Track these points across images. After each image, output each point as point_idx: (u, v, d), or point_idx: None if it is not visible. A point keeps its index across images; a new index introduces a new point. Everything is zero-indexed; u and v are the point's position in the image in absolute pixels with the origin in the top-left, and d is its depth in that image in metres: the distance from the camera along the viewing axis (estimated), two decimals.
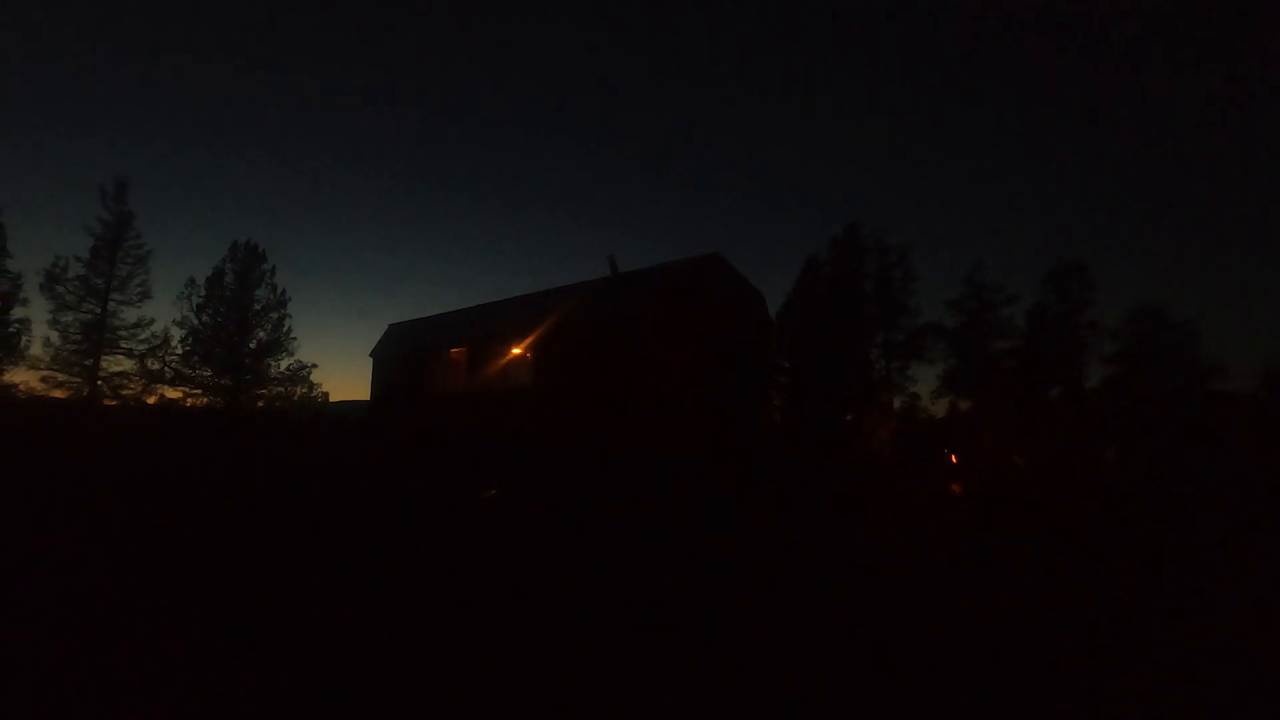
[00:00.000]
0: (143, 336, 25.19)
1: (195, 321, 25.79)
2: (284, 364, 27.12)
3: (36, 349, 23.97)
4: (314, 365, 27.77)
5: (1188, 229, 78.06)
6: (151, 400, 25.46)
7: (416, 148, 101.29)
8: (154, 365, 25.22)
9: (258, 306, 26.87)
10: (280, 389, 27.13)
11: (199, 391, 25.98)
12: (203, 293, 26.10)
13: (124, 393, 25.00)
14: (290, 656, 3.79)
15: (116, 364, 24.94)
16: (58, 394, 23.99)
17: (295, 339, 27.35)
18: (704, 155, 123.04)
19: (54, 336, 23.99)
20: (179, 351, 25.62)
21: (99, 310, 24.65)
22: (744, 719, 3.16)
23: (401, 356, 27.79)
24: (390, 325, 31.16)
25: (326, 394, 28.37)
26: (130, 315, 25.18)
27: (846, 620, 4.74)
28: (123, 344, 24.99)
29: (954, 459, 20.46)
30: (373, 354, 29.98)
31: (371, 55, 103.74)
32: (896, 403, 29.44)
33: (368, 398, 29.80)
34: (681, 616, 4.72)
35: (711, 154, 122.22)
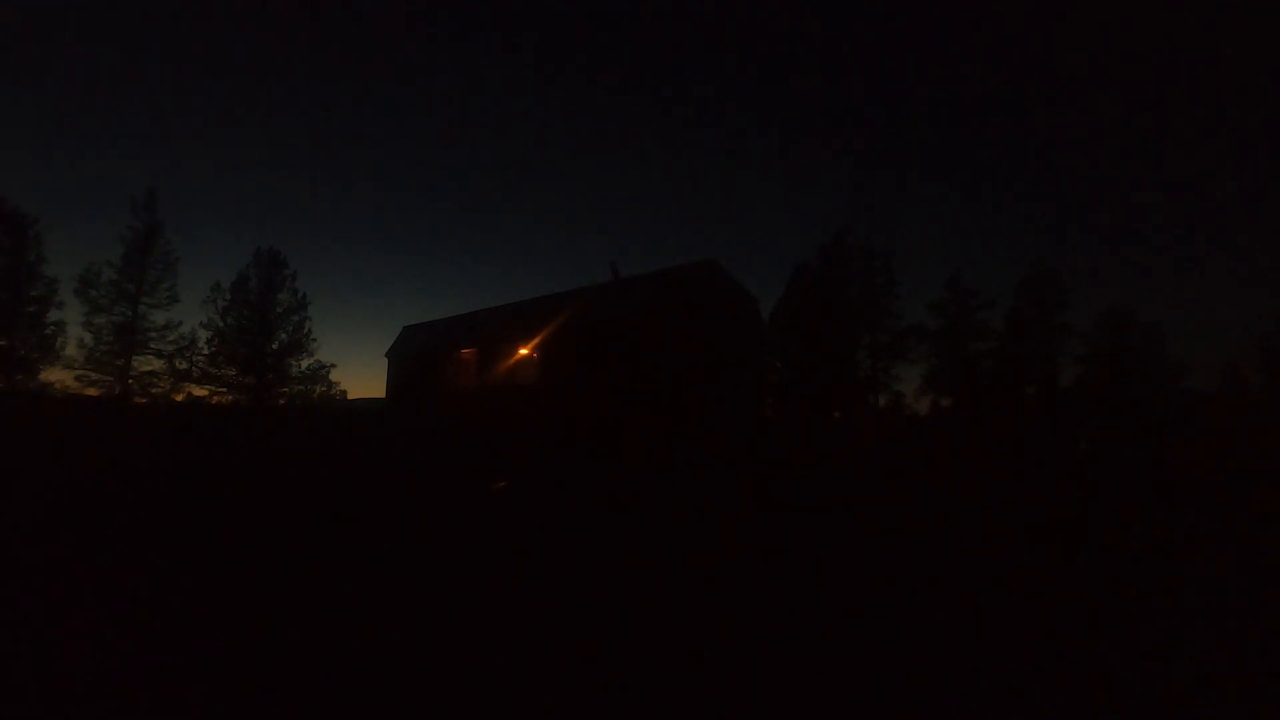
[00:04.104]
0: (171, 338, 25.21)
1: (221, 323, 25.80)
2: (304, 363, 27.13)
3: (71, 349, 24.03)
4: (333, 365, 27.75)
5: (1157, 235, 78.26)
6: (179, 398, 25.47)
7: (430, 161, 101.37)
8: (182, 365, 25.24)
9: (279, 309, 26.89)
10: (301, 387, 27.11)
11: (224, 390, 25.99)
12: (228, 296, 26.13)
13: (153, 391, 25.00)
14: (300, 645, 3.82)
15: (146, 364, 24.96)
16: (91, 392, 23.99)
17: (315, 340, 27.34)
18: (701, 168, 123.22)
19: (88, 338, 24.03)
20: (205, 352, 25.63)
21: (130, 313, 24.66)
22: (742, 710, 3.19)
23: (415, 356, 27.82)
24: (405, 327, 31.19)
25: (344, 391, 28.37)
26: (159, 318, 25.22)
27: (832, 607, 4.79)
28: (152, 345, 25.00)
29: (932, 452, 20.51)
30: (388, 354, 30.00)
31: (387, 72, 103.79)
32: (881, 400, 29.52)
33: (383, 395, 29.82)
34: (680, 604, 4.77)
35: (708, 166, 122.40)
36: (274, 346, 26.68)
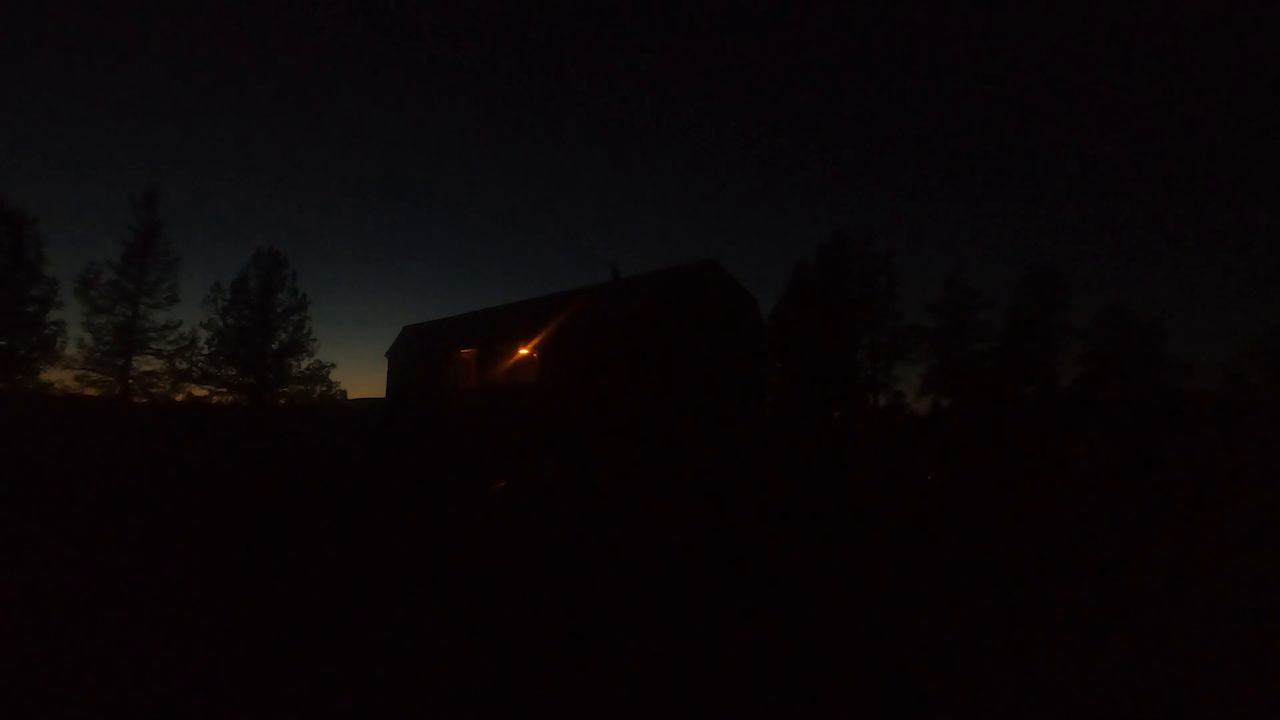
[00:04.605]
0: (171, 338, 25.16)
1: (221, 324, 25.80)
2: (304, 363, 27.11)
3: (71, 349, 24.00)
4: (333, 365, 27.72)
5: (1157, 236, 78.25)
6: (179, 398, 25.44)
7: (430, 161, 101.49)
8: (182, 365, 25.22)
9: (279, 309, 26.87)
10: (301, 387, 27.08)
11: (224, 390, 25.98)
12: (228, 296, 26.13)
13: (153, 391, 24.98)
14: (301, 644, 3.82)
15: (146, 364, 24.93)
16: (91, 392, 23.96)
17: (315, 340, 27.31)
18: (701, 168, 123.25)
19: (87, 338, 23.99)
20: (205, 352, 25.62)
21: (130, 313, 24.64)
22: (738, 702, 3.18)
23: (415, 356, 27.79)
24: (405, 327, 31.16)
25: (344, 391, 28.32)
26: (160, 318, 25.19)
27: (831, 605, 4.77)
28: (152, 345, 24.96)
29: (933, 453, 20.49)
30: (388, 354, 29.99)
31: (387, 72, 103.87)
32: (881, 400, 29.46)
33: (383, 395, 29.80)
34: (676, 602, 4.75)
35: (708, 166, 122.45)
36: (274, 346, 26.67)
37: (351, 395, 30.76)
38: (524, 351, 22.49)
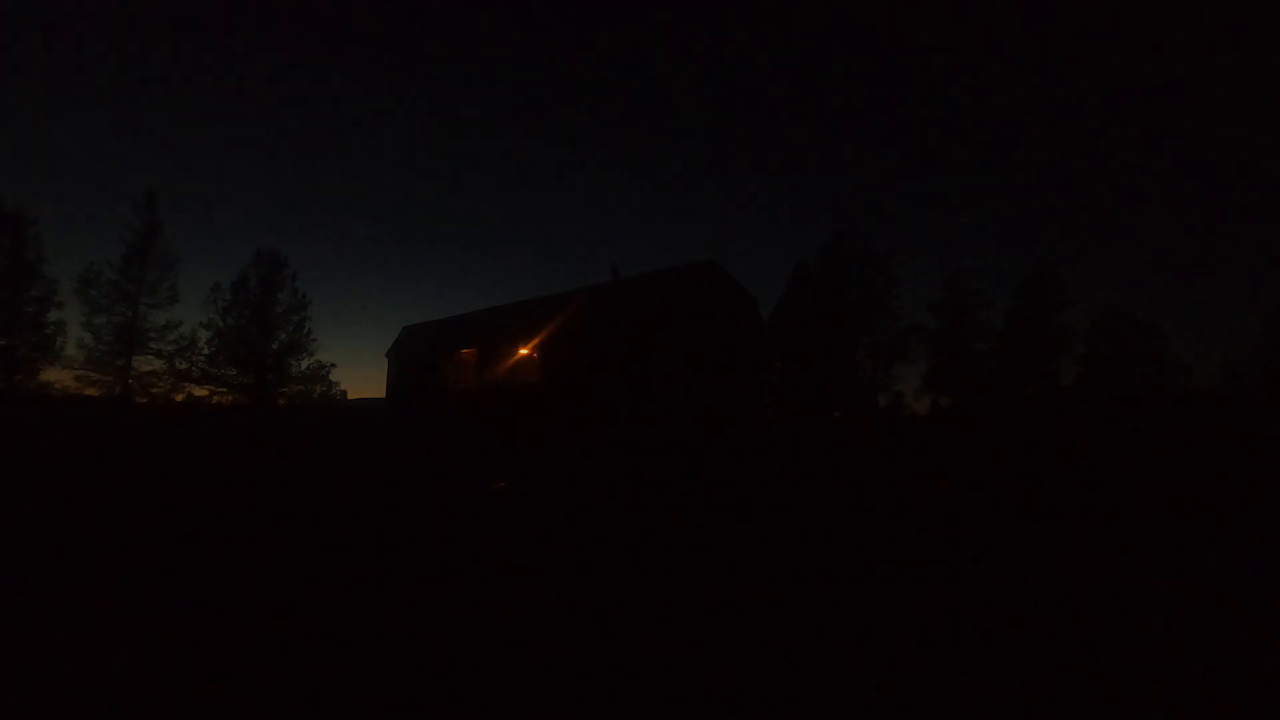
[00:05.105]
0: (171, 338, 25.15)
1: (221, 324, 25.79)
2: (304, 363, 27.11)
3: (71, 349, 24.01)
4: (333, 365, 27.72)
5: (1157, 235, 78.30)
6: (179, 398, 25.44)
7: (431, 161, 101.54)
8: (182, 365, 25.22)
9: (279, 309, 26.87)
10: (301, 387, 27.08)
11: (224, 390, 25.97)
12: (228, 296, 26.13)
13: (153, 391, 24.98)
14: (305, 646, 3.81)
15: (147, 364, 24.92)
16: (91, 392, 23.96)
17: (315, 340, 27.31)
18: (701, 168, 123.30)
19: (88, 338, 24.00)
20: (205, 352, 25.62)
21: (130, 313, 24.64)
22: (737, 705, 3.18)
23: (415, 356, 27.80)
24: (405, 327, 31.15)
25: (344, 391, 28.31)
26: (159, 318, 25.18)
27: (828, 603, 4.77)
28: (152, 345, 24.96)
29: (931, 453, 20.48)
30: (388, 354, 29.98)
31: (386, 72, 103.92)
32: (881, 400, 29.47)
33: (383, 395, 29.78)
34: (676, 601, 4.75)
35: (708, 166, 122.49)
36: (274, 346, 26.67)
37: (351, 395, 30.78)
38: (524, 351, 22.49)
